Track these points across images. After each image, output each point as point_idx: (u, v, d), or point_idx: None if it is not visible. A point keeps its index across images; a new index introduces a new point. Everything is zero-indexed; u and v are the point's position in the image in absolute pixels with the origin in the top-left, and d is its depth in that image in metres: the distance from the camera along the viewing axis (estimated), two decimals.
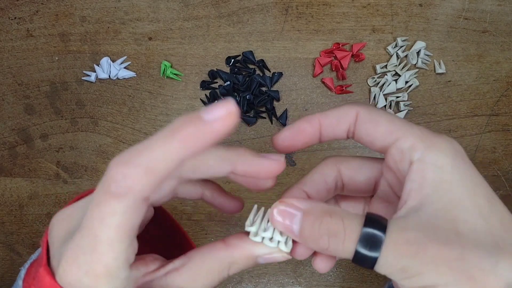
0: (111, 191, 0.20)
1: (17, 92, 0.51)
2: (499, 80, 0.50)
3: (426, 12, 0.51)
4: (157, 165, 0.20)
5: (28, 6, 0.53)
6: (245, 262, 0.25)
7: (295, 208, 0.23)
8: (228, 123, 0.20)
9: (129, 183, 0.19)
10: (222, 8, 0.51)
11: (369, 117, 0.25)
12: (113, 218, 0.20)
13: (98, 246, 0.20)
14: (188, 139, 0.20)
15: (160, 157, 0.20)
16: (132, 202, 0.20)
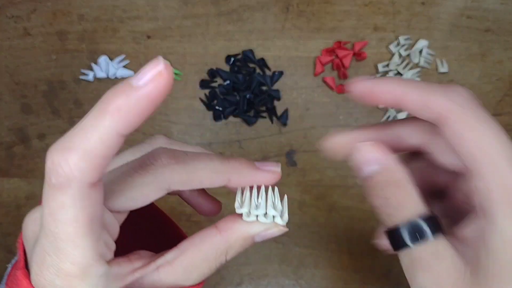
0: (52, 183, 0.18)
1: (14, 92, 0.51)
2: (502, 79, 0.50)
3: (428, 11, 0.51)
4: (93, 146, 0.18)
5: (25, 5, 0.52)
6: (242, 244, 0.24)
7: (378, 158, 0.22)
8: (161, 84, 0.19)
9: (67, 171, 0.18)
10: (222, 6, 0.51)
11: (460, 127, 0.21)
12: (64, 212, 0.19)
13: (59, 244, 0.19)
14: (120, 111, 0.18)
15: (95, 137, 0.18)
16: (77, 191, 0.18)
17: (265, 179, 0.24)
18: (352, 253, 0.47)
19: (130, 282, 0.22)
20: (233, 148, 0.49)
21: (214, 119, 0.50)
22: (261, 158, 0.49)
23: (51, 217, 0.19)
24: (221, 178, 0.23)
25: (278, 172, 0.25)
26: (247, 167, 0.24)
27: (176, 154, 0.23)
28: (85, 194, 0.19)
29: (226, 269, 0.47)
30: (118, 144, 0.19)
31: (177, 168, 0.22)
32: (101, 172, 0.19)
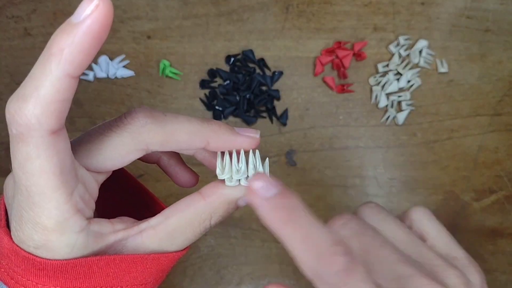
0: (13, 134, 0.18)
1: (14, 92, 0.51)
2: (502, 79, 0.50)
3: (428, 11, 0.51)
4: (45, 92, 0.18)
5: (26, 5, 0.52)
6: (226, 208, 0.24)
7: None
8: (100, 16, 0.18)
9: (24, 120, 0.18)
10: (222, 6, 0.51)
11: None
12: (31, 163, 0.18)
13: (33, 198, 0.19)
14: (64, 51, 0.18)
15: (45, 83, 0.18)
16: (40, 140, 0.18)
17: (244, 143, 0.24)
18: None
19: (111, 242, 0.22)
20: None
21: (214, 119, 0.50)
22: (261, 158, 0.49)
23: (20, 171, 0.19)
24: (200, 139, 0.23)
25: (257, 138, 0.25)
26: (226, 130, 0.24)
27: (154, 114, 0.22)
28: (48, 142, 0.18)
29: (226, 269, 0.47)
30: (71, 87, 0.19)
31: (155, 127, 0.22)
32: (60, 118, 0.19)
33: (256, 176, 0.21)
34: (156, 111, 0.23)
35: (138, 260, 0.22)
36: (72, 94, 0.19)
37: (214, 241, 0.48)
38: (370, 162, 0.49)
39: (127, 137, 0.22)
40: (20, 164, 0.19)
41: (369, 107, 0.50)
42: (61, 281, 0.21)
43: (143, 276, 0.23)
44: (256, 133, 0.25)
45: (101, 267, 0.21)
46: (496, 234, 0.48)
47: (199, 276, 0.47)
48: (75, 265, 0.20)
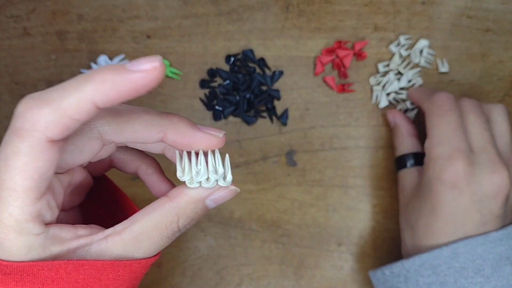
0: (15, 127, 0.19)
1: (13, 92, 0.51)
2: (503, 79, 0.50)
3: (428, 10, 0.51)
4: (67, 105, 0.19)
5: (25, 4, 0.52)
6: (193, 209, 0.23)
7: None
8: (151, 77, 0.19)
9: (35, 119, 0.18)
10: (222, 6, 0.51)
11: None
12: (17, 159, 0.19)
13: (3, 192, 0.19)
14: (104, 83, 0.19)
15: (72, 98, 0.19)
16: (37, 141, 0.19)
17: (204, 141, 0.23)
18: (352, 253, 0.47)
19: (73, 247, 0.21)
20: (233, 148, 0.49)
21: (214, 119, 0.49)
22: (261, 158, 0.49)
23: (2, 163, 0.19)
24: (156, 130, 0.22)
25: (219, 137, 0.24)
26: (186, 124, 0.23)
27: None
28: (43, 147, 0.19)
29: (226, 270, 0.47)
30: (89, 113, 0.19)
31: (107, 114, 0.22)
32: (65, 132, 0.19)
33: None
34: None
35: (108, 266, 0.22)
36: (86, 120, 0.19)
37: (214, 241, 0.48)
38: (370, 162, 0.49)
39: (86, 130, 0.21)
40: (6, 157, 0.19)
41: (370, 107, 0.49)
42: (28, 286, 0.20)
43: (115, 284, 0.22)
44: (220, 132, 0.24)
45: (69, 272, 0.21)
46: None
47: (199, 276, 0.47)
48: (41, 268, 0.20)
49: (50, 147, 0.19)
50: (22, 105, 0.19)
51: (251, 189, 0.49)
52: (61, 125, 0.19)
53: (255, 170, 0.49)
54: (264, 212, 0.48)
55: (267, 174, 0.49)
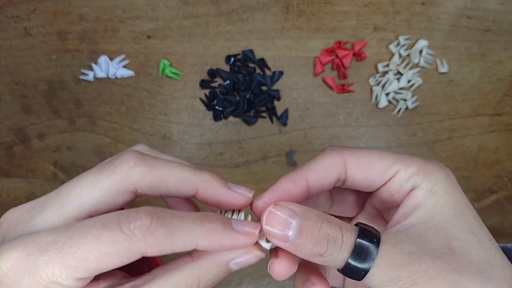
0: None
1: (14, 92, 0.51)
2: (502, 79, 0.50)
3: (428, 11, 0.51)
4: (176, 232, 0.21)
5: (25, 5, 0.52)
6: (216, 271, 0.23)
7: (291, 212, 0.22)
8: (251, 243, 0.22)
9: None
10: (222, 6, 0.51)
11: (360, 161, 0.24)
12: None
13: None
14: (212, 233, 0.21)
15: (183, 230, 0.21)
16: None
17: (234, 200, 0.24)
18: None
19: None
20: (233, 148, 0.49)
21: (214, 119, 0.50)
22: (261, 158, 0.49)
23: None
24: (189, 187, 0.23)
25: (249, 198, 0.24)
26: (218, 183, 0.23)
27: (146, 158, 0.22)
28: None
29: None
30: (190, 247, 0.22)
31: (145, 171, 0.22)
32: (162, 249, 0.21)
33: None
34: (147, 155, 0.23)
35: None
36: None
37: None
38: None
39: (115, 179, 0.22)
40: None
41: (369, 107, 0.50)
42: None
43: None
44: (250, 192, 0.24)
45: None
46: (496, 234, 0.48)
47: None
48: None
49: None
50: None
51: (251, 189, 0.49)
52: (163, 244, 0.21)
53: (255, 170, 0.49)
54: None
55: (267, 174, 0.49)
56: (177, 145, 0.49)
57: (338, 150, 0.24)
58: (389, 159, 0.24)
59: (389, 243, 0.21)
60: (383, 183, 0.24)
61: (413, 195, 0.23)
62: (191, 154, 0.49)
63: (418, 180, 0.23)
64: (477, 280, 0.21)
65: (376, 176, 0.24)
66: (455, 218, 0.22)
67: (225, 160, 0.49)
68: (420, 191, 0.23)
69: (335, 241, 0.21)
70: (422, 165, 0.23)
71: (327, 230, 0.21)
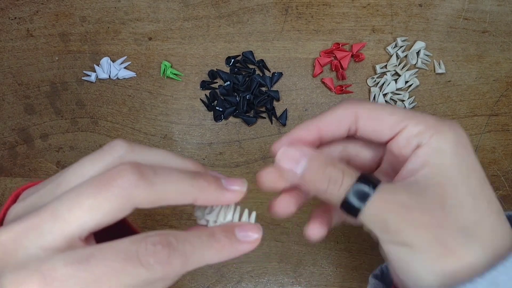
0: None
1: (17, 92, 0.51)
2: (499, 80, 0.50)
3: (426, 12, 0.51)
4: (191, 258, 0.22)
5: (28, 6, 0.53)
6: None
7: (302, 153, 0.25)
8: (253, 247, 0.24)
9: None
10: (222, 8, 0.52)
11: (370, 113, 0.26)
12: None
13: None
14: (221, 251, 0.23)
15: (196, 255, 0.22)
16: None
17: (230, 199, 0.25)
18: (350, 251, 0.48)
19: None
20: (233, 148, 0.50)
21: (215, 120, 0.50)
22: (261, 158, 0.50)
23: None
24: (188, 198, 0.24)
25: (243, 192, 0.26)
26: (215, 188, 0.24)
27: (144, 173, 0.22)
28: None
29: (226, 267, 0.48)
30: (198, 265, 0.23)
31: (144, 189, 0.22)
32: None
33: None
34: (144, 167, 0.22)
35: None
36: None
37: None
38: None
39: (114, 199, 0.21)
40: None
41: None
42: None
43: None
44: (243, 185, 0.26)
45: None
46: None
47: (200, 274, 0.48)
48: None
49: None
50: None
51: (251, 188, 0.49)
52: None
53: (255, 169, 0.49)
54: (263, 211, 0.49)
55: None
56: (178, 145, 0.50)
57: (352, 102, 0.26)
58: (399, 115, 0.25)
59: (385, 191, 0.23)
60: (392, 136, 0.25)
61: (419, 152, 0.24)
62: (192, 154, 0.50)
63: (426, 138, 0.24)
64: (460, 238, 0.22)
65: (385, 129, 0.25)
66: (457, 178, 0.23)
67: (225, 160, 0.50)
68: (426, 149, 0.24)
69: (335, 181, 0.24)
70: (432, 124, 0.24)
71: (330, 172, 0.24)
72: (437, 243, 0.22)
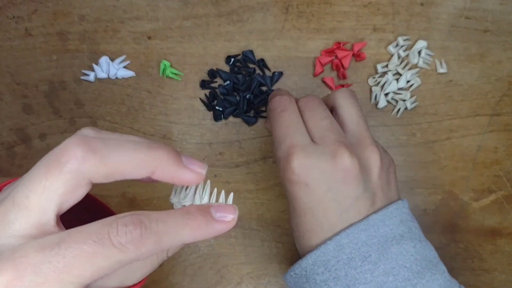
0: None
1: (15, 92, 0.51)
2: (501, 79, 0.50)
3: (427, 11, 0.51)
4: (164, 237, 0.21)
5: (26, 5, 0.52)
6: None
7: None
8: (229, 228, 0.24)
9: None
10: (222, 7, 0.51)
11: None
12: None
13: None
14: (197, 231, 0.23)
15: (171, 234, 0.21)
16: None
17: (189, 179, 0.24)
18: None
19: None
20: (233, 148, 0.49)
21: (214, 119, 0.50)
22: (261, 158, 0.49)
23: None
24: (145, 170, 0.23)
25: (202, 175, 0.25)
26: (174, 161, 0.24)
27: (93, 146, 0.21)
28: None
29: (226, 268, 0.48)
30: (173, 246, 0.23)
31: (97, 163, 0.21)
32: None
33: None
34: (94, 140, 0.22)
35: None
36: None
37: (214, 240, 0.48)
38: None
39: (68, 178, 0.21)
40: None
41: (369, 107, 0.50)
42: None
43: None
44: (203, 168, 0.25)
45: None
46: (495, 234, 0.48)
47: (199, 275, 0.48)
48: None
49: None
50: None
51: (251, 189, 0.49)
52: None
53: (255, 170, 0.49)
54: (264, 212, 0.49)
55: (267, 174, 0.49)
56: (177, 145, 0.49)
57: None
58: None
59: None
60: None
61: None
62: (191, 154, 0.49)
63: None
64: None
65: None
66: None
67: (225, 160, 0.49)
68: None
69: None
70: None
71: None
72: None
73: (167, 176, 0.24)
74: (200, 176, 0.25)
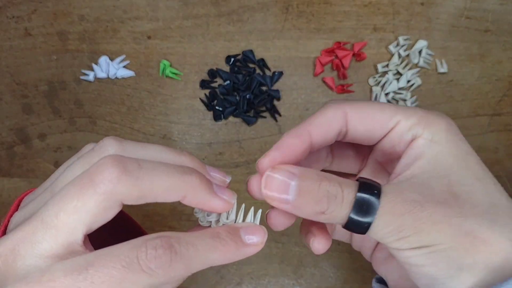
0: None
1: (15, 92, 0.51)
2: (501, 79, 0.50)
3: (427, 11, 0.51)
4: (194, 261, 0.21)
5: (26, 5, 0.52)
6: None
7: (290, 175, 0.22)
8: (257, 250, 0.23)
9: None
10: (222, 7, 0.51)
11: (361, 113, 0.24)
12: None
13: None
14: (226, 254, 0.22)
15: (200, 258, 0.21)
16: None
17: (218, 207, 0.24)
18: (351, 252, 0.48)
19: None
20: (233, 148, 0.49)
21: (214, 119, 0.50)
22: None
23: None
24: (177, 195, 0.23)
25: (231, 203, 0.25)
26: (205, 189, 0.23)
27: (128, 167, 0.21)
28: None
29: (226, 269, 0.48)
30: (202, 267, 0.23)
31: (130, 186, 0.21)
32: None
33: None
34: (129, 161, 0.21)
35: None
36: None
37: None
38: None
39: (101, 199, 0.20)
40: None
41: None
42: None
43: None
44: (233, 197, 0.25)
45: None
46: None
47: (200, 275, 0.48)
48: None
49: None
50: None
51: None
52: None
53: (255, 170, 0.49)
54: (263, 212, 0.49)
55: None
56: (177, 145, 0.49)
57: (339, 103, 0.24)
58: (390, 110, 0.24)
59: (391, 193, 0.21)
60: (384, 134, 0.24)
61: (414, 145, 0.23)
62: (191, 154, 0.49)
63: (419, 130, 0.23)
64: (483, 222, 0.21)
65: (377, 128, 0.24)
66: (457, 165, 0.22)
67: (225, 160, 0.49)
68: (421, 141, 0.23)
69: (335, 197, 0.21)
70: (423, 116, 0.23)
71: (326, 188, 0.21)
72: (462, 234, 0.20)
73: (197, 202, 0.24)
74: (229, 205, 0.25)
